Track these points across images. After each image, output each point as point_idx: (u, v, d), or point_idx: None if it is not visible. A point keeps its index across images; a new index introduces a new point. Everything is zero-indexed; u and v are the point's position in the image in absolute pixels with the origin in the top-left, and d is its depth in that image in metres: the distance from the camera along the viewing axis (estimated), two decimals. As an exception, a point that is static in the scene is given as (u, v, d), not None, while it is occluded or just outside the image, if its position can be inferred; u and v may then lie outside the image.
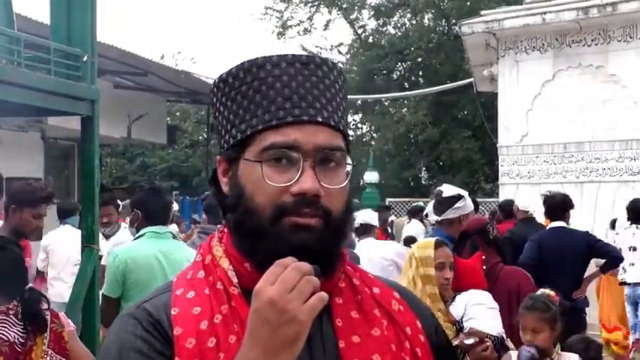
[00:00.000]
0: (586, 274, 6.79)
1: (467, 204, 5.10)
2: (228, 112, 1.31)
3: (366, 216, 6.93)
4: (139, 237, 4.52)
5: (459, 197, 5.08)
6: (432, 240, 4.17)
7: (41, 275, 7.09)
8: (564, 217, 6.77)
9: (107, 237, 6.51)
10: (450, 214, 5.01)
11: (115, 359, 1.22)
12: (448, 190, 5.18)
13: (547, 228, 6.72)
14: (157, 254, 4.37)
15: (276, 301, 1.08)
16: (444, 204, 5.04)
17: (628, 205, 8.17)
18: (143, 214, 4.55)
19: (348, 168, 1.30)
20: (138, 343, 1.21)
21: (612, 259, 6.78)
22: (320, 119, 1.26)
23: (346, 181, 1.28)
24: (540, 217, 7.77)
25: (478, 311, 3.98)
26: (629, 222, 8.17)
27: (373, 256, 6.25)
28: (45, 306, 3.18)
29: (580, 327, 6.21)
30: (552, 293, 3.62)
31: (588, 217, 10.57)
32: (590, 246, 6.66)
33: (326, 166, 1.25)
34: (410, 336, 1.32)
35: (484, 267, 4.24)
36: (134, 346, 1.21)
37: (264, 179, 1.22)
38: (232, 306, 1.24)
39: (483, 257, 4.27)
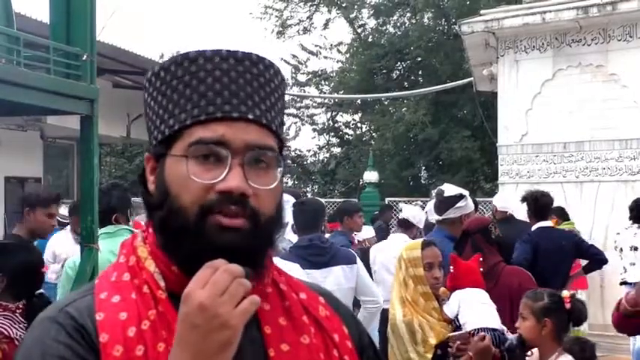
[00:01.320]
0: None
1: (468, 204, 5.10)
2: (158, 106, 1.26)
3: (410, 213, 6.89)
4: None
5: (461, 197, 5.08)
6: (420, 241, 4.20)
7: None
8: (549, 216, 6.83)
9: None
10: (451, 214, 5.02)
11: None
12: (449, 189, 5.18)
13: (537, 228, 6.69)
14: (108, 256, 4.36)
15: (206, 305, 1.04)
16: (446, 203, 5.04)
17: (631, 204, 8.17)
18: None
19: (281, 170, 1.24)
20: (61, 350, 1.15)
21: (597, 261, 6.85)
22: (251, 116, 1.21)
23: (276, 183, 1.22)
24: (519, 217, 7.72)
25: (471, 307, 4.00)
26: (631, 221, 8.16)
27: (394, 253, 6.27)
28: None
29: None
30: (567, 294, 3.60)
31: (588, 216, 10.57)
32: (577, 246, 6.73)
33: (256, 165, 1.20)
34: (337, 343, 1.28)
35: (481, 269, 4.25)
36: (57, 353, 1.15)
37: (189, 175, 1.18)
38: (160, 311, 1.18)
39: (481, 259, 4.27)
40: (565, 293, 3.60)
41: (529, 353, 3.65)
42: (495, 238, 4.63)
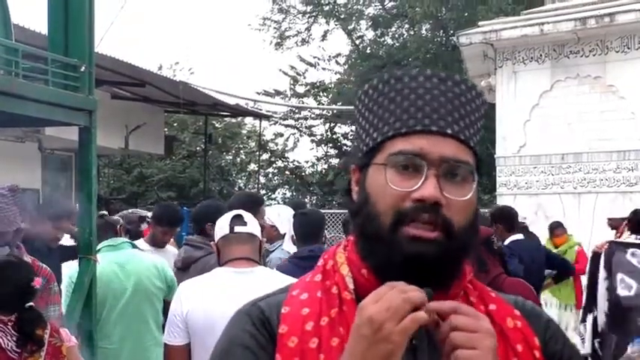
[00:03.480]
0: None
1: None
2: (365, 122, 1.34)
3: None
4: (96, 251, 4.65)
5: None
6: None
7: None
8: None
9: None
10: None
11: (223, 352, 1.29)
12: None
13: (512, 240, 6.74)
14: (113, 267, 4.54)
15: (374, 319, 1.12)
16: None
17: (629, 215, 8.18)
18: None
19: (475, 185, 1.28)
20: (246, 339, 1.27)
21: (566, 270, 7.05)
22: (449, 131, 1.26)
23: (470, 195, 1.26)
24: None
25: None
26: (629, 232, 8.16)
27: None
28: (43, 326, 3.21)
29: None
30: None
31: (586, 227, 10.57)
32: (547, 257, 6.85)
33: (452, 178, 1.25)
34: (520, 353, 1.31)
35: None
36: (241, 341, 1.27)
37: (387, 183, 1.25)
38: (343, 310, 1.27)
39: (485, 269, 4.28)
40: None
41: None
42: (497, 250, 4.62)
